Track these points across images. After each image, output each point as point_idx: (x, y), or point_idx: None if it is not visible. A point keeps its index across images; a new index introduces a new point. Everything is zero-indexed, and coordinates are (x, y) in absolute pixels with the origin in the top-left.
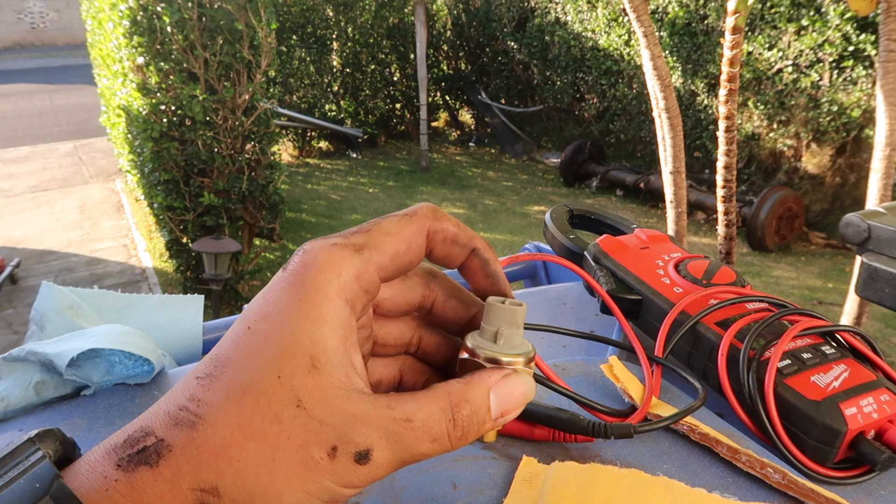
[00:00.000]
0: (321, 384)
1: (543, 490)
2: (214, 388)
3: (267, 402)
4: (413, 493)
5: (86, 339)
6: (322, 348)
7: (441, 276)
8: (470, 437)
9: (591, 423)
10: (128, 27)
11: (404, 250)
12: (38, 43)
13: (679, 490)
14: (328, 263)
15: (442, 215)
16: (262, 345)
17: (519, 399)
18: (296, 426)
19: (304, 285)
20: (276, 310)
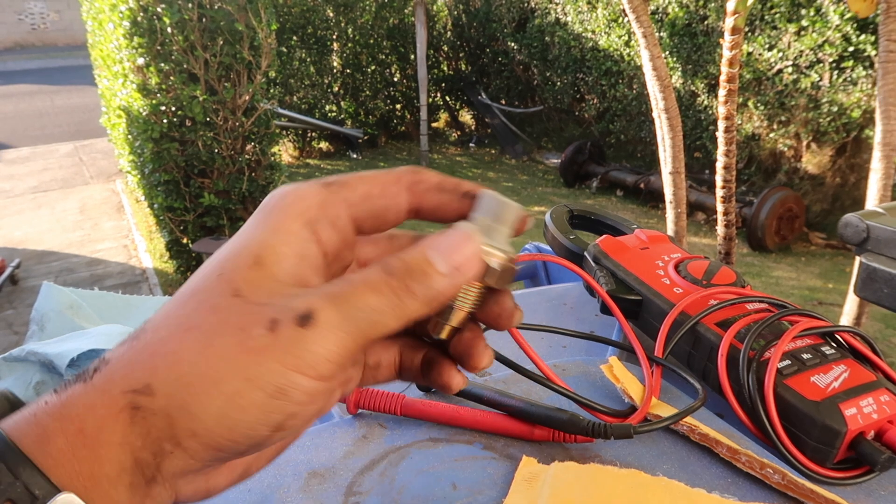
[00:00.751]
0: (262, 275)
1: (543, 490)
2: (165, 305)
3: (206, 297)
4: (413, 493)
5: (86, 339)
6: (270, 251)
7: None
8: (416, 288)
9: (590, 424)
10: (128, 28)
11: (378, 192)
12: (39, 44)
13: (679, 490)
14: (293, 192)
15: (422, 169)
16: (217, 255)
17: (462, 247)
18: (233, 313)
19: (265, 209)
20: (239, 231)
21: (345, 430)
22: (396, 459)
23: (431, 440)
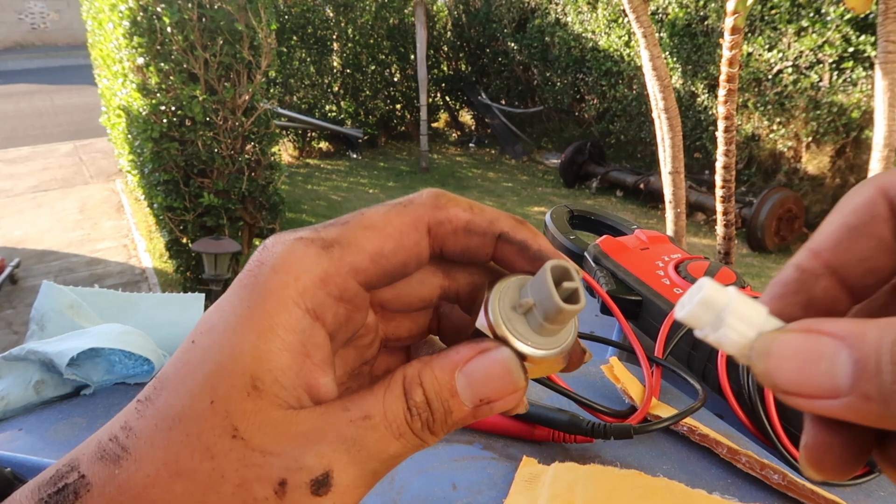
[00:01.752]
0: (262, 407)
1: (544, 491)
2: (147, 416)
3: (197, 432)
4: (413, 493)
5: (86, 338)
6: (267, 366)
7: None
8: (437, 428)
9: (591, 424)
10: (128, 28)
11: (392, 249)
12: (39, 43)
13: (679, 491)
14: (286, 263)
15: (448, 200)
16: (199, 362)
17: (500, 380)
18: (231, 461)
19: (255, 289)
20: (222, 319)
21: None
22: None
23: None
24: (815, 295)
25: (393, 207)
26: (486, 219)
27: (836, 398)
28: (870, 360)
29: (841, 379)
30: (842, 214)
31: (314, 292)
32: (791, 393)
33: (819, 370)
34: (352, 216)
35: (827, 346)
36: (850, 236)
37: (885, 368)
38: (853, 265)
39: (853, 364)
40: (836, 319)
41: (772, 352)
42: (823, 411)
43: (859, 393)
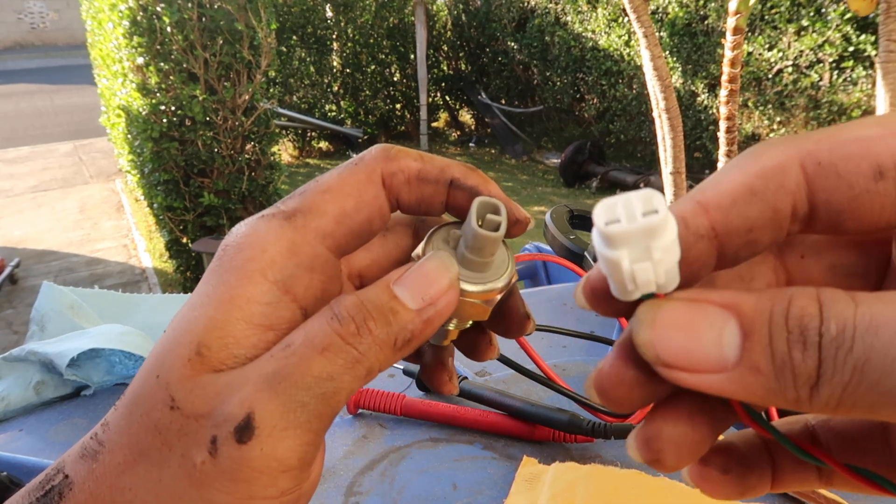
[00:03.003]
0: (198, 372)
1: (544, 491)
2: (119, 406)
3: (147, 410)
4: (414, 493)
5: (86, 338)
6: (218, 334)
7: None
8: (379, 332)
9: (591, 424)
10: (128, 27)
11: (353, 207)
12: (39, 43)
13: (679, 490)
14: (250, 240)
15: (398, 152)
16: (162, 339)
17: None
18: (173, 432)
19: (220, 270)
20: (188, 303)
21: (345, 430)
22: (397, 459)
23: (432, 440)
24: (689, 256)
25: (346, 168)
26: (437, 166)
27: (723, 371)
28: (762, 329)
29: (728, 349)
30: (744, 173)
31: (283, 263)
32: (674, 366)
33: (706, 340)
34: (308, 185)
35: (714, 315)
36: (748, 201)
37: (776, 337)
38: (739, 233)
39: (742, 334)
40: (720, 290)
41: (656, 320)
42: (707, 387)
43: (748, 364)
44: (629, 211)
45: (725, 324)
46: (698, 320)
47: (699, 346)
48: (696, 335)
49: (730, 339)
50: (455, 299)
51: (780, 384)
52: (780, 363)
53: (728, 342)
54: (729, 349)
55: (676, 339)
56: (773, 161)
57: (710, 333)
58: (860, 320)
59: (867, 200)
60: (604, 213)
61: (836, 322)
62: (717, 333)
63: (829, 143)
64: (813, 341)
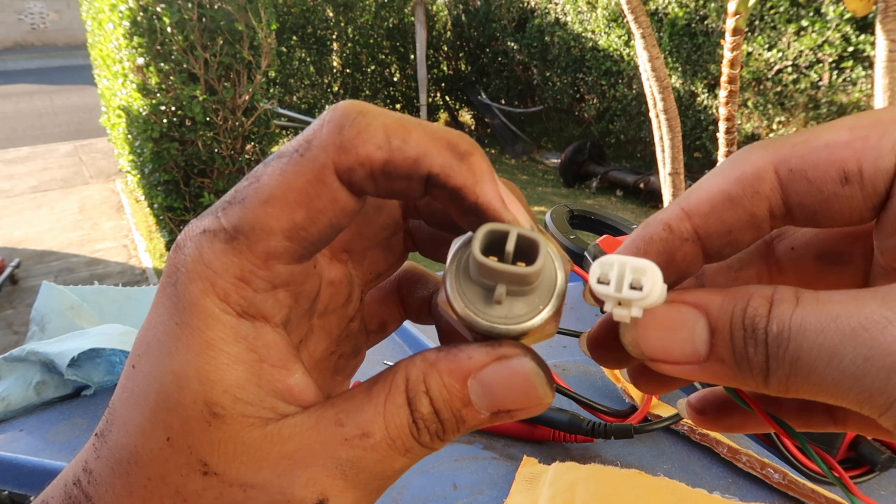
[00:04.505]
0: (231, 434)
1: (544, 490)
2: (103, 456)
3: (160, 474)
4: (413, 493)
5: (86, 338)
6: (220, 387)
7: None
8: (448, 437)
9: (591, 424)
10: (128, 28)
11: (304, 218)
12: (39, 44)
13: (680, 490)
14: (198, 268)
15: (356, 134)
16: (142, 393)
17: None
18: (207, 501)
19: (178, 303)
20: (156, 339)
21: None
22: None
23: None
24: (676, 257)
25: (289, 163)
26: (409, 156)
27: (697, 363)
28: (724, 327)
29: (700, 345)
30: (725, 180)
31: (238, 293)
32: (658, 360)
33: (681, 338)
34: (248, 186)
35: (688, 315)
36: (726, 207)
37: (735, 334)
38: (719, 235)
39: (709, 331)
40: (695, 291)
41: (639, 323)
42: (688, 375)
43: (715, 357)
44: (620, 278)
45: (697, 322)
46: (674, 320)
47: (676, 343)
48: (673, 334)
49: (700, 335)
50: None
51: (741, 373)
52: (739, 357)
53: (699, 338)
54: (700, 344)
55: (656, 338)
56: (751, 168)
57: (684, 332)
58: (794, 322)
59: (836, 203)
60: (598, 270)
61: (777, 323)
62: (690, 331)
63: (801, 150)
64: (761, 339)
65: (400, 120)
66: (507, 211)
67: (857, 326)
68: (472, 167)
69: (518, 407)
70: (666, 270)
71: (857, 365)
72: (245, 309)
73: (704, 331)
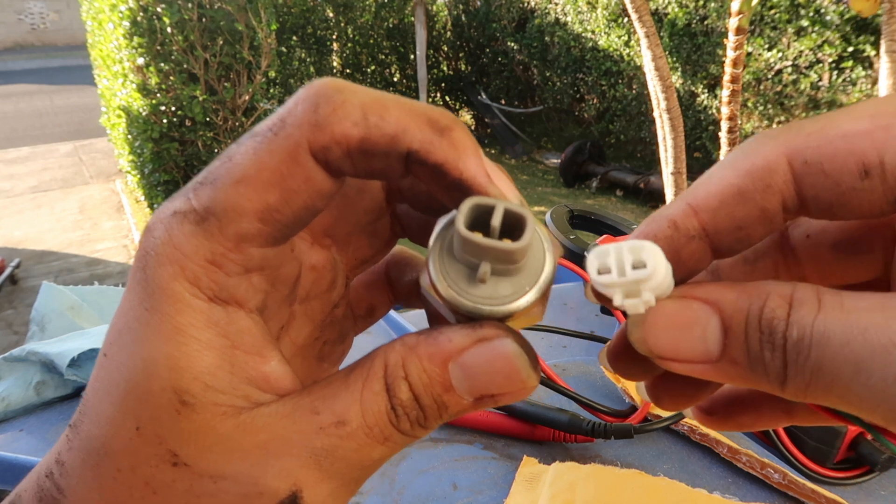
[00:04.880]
0: (202, 423)
1: (544, 490)
2: (74, 447)
3: (130, 465)
4: (413, 493)
5: (86, 338)
6: (190, 374)
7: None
8: (430, 423)
9: (591, 424)
10: (128, 28)
11: (278, 200)
12: (39, 44)
13: (680, 490)
14: (167, 251)
15: (331, 110)
16: (113, 382)
17: (505, 377)
18: (178, 493)
19: (147, 287)
20: (127, 326)
21: None
22: (396, 459)
23: (432, 440)
24: (682, 256)
25: (262, 142)
26: (387, 133)
27: (709, 363)
28: (738, 327)
29: (712, 345)
30: (734, 172)
31: (209, 277)
32: (667, 358)
33: (692, 336)
34: (221, 165)
35: (699, 312)
36: (736, 202)
37: (750, 336)
38: (728, 232)
39: (722, 330)
40: (707, 285)
41: (647, 319)
42: (697, 374)
43: (728, 358)
44: (619, 262)
45: (709, 320)
46: (685, 317)
47: (686, 341)
48: (683, 332)
49: (713, 334)
50: (525, 396)
51: (755, 376)
52: (754, 360)
53: (711, 338)
54: (712, 344)
55: (666, 335)
56: (762, 160)
57: (695, 330)
58: (816, 329)
59: (854, 196)
60: (596, 261)
61: (798, 328)
62: (702, 330)
63: (817, 140)
64: (779, 344)
65: (378, 96)
66: (493, 185)
67: (889, 343)
68: (454, 142)
69: (501, 391)
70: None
71: (889, 384)
72: (216, 293)
73: (717, 330)
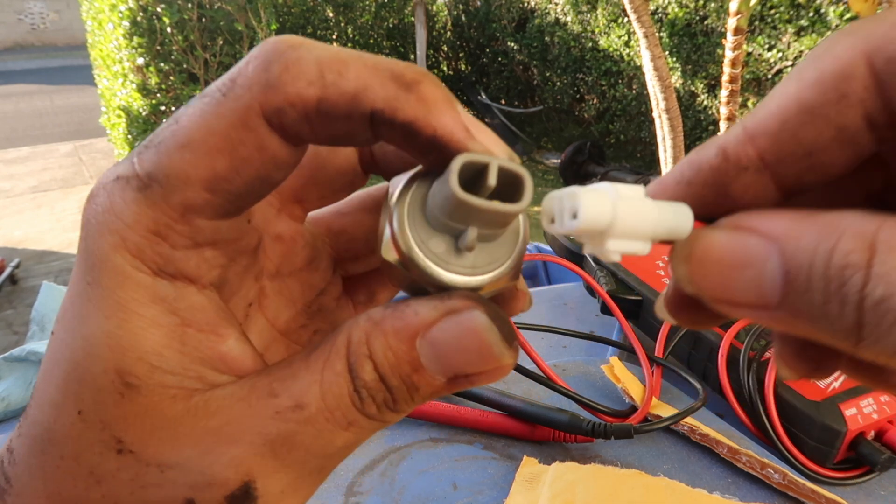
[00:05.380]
0: (148, 407)
1: (544, 491)
2: (23, 433)
3: (73, 453)
4: (414, 493)
5: None
6: (134, 354)
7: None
8: (401, 407)
9: (591, 424)
10: (128, 28)
11: (227, 167)
12: (39, 44)
13: (680, 490)
14: (108, 219)
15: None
16: (55, 363)
17: (477, 354)
18: (122, 482)
19: (87, 258)
20: (69, 300)
21: None
22: (397, 459)
23: (432, 440)
24: (733, 190)
25: (210, 104)
26: (347, 91)
27: (766, 309)
28: (801, 273)
29: (769, 291)
30: (799, 85)
31: (153, 249)
32: (717, 300)
33: (745, 278)
34: (167, 128)
35: (756, 248)
36: (803, 120)
37: (815, 285)
38: (796, 160)
39: (783, 276)
40: (770, 213)
41: (694, 254)
42: (752, 319)
43: (788, 308)
44: (560, 211)
45: (767, 260)
46: (739, 254)
47: (738, 283)
48: (734, 272)
49: (771, 278)
50: (501, 376)
51: (821, 331)
52: (818, 313)
53: (769, 282)
54: (770, 290)
55: (714, 275)
56: (832, 63)
57: (748, 271)
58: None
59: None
60: (546, 209)
61: (883, 284)
62: (759, 271)
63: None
64: (853, 300)
65: (336, 52)
66: (474, 140)
67: None
68: (423, 96)
69: (475, 370)
70: (719, 207)
71: None
72: (162, 267)
73: (777, 272)
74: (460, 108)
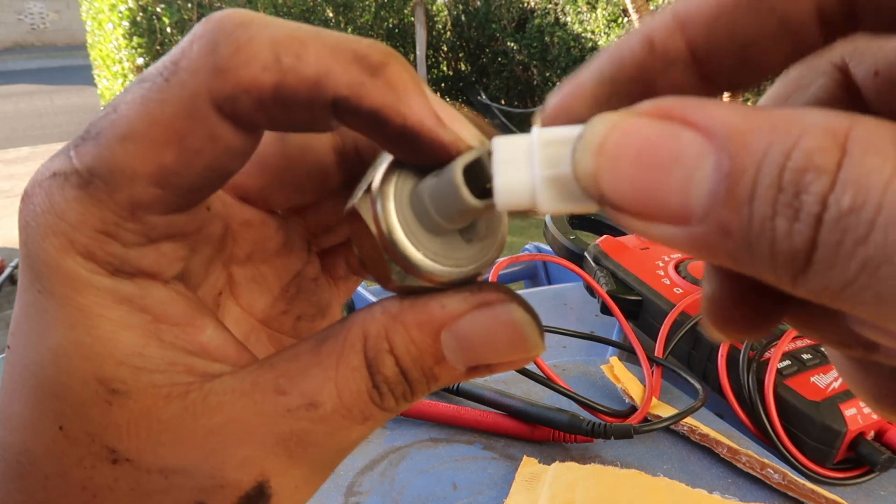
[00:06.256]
0: (141, 411)
1: (544, 491)
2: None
3: (59, 471)
4: (414, 493)
5: None
6: (113, 359)
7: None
8: (416, 397)
9: (591, 424)
10: (128, 28)
11: (175, 160)
12: (39, 44)
13: (679, 490)
14: (48, 220)
15: (233, 51)
16: (20, 380)
17: (508, 346)
18: (122, 493)
19: (33, 265)
20: (23, 312)
21: None
22: (397, 459)
23: (432, 440)
24: (659, 87)
25: (152, 90)
26: (307, 76)
27: (684, 224)
28: (744, 178)
29: (696, 198)
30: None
31: (104, 250)
32: (623, 210)
33: (669, 181)
34: (105, 117)
35: (690, 145)
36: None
37: (762, 193)
38: (730, 54)
39: (720, 181)
40: (708, 103)
41: (606, 144)
42: (661, 239)
43: (716, 222)
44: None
45: (702, 159)
46: (665, 150)
47: (658, 186)
48: (656, 172)
49: (701, 182)
50: (526, 363)
51: (751, 258)
52: (758, 230)
53: (698, 187)
54: (697, 197)
55: (628, 175)
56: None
57: (676, 171)
58: (889, 198)
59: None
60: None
61: (852, 191)
62: (687, 172)
63: None
64: (810, 211)
65: (293, 30)
66: (445, 129)
67: None
68: (390, 81)
69: (502, 360)
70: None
71: None
72: (118, 267)
73: (710, 175)
74: (428, 92)
